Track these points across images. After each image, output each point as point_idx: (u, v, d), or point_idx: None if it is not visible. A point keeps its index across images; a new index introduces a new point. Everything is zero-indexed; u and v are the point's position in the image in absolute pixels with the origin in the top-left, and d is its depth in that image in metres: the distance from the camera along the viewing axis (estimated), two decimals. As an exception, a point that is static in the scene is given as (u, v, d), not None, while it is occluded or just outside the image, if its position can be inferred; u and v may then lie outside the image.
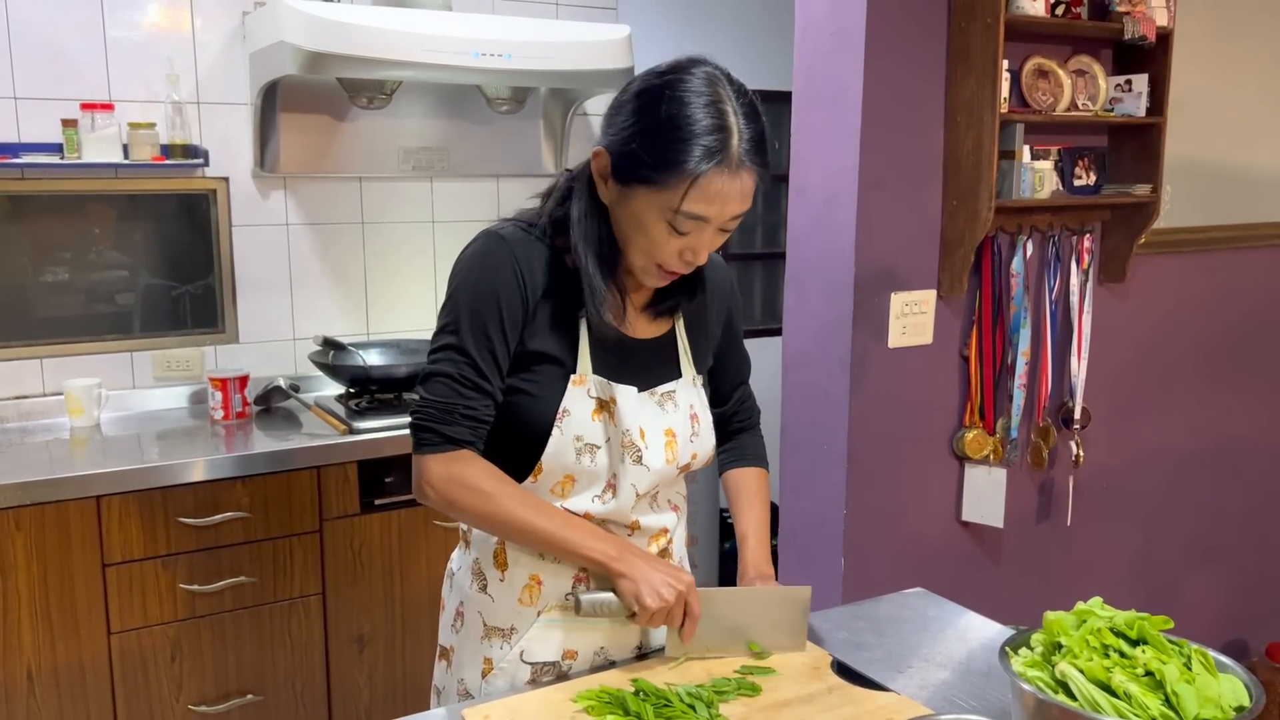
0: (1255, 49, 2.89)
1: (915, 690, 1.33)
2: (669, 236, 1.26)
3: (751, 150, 1.23)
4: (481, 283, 1.31)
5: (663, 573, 1.30)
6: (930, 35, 2.28)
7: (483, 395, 1.32)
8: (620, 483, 1.36)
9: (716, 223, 1.25)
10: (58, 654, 2.26)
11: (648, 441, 1.36)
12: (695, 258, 1.29)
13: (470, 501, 1.32)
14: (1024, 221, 2.46)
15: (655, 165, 1.22)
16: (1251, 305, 3.03)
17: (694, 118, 1.21)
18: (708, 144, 1.20)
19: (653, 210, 1.24)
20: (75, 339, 2.72)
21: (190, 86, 2.75)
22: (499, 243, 1.33)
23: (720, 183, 1.21)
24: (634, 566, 1.31)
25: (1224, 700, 1.08)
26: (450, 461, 1.31)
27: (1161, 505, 2.96)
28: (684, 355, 1.45)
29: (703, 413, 1.45)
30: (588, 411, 1.34)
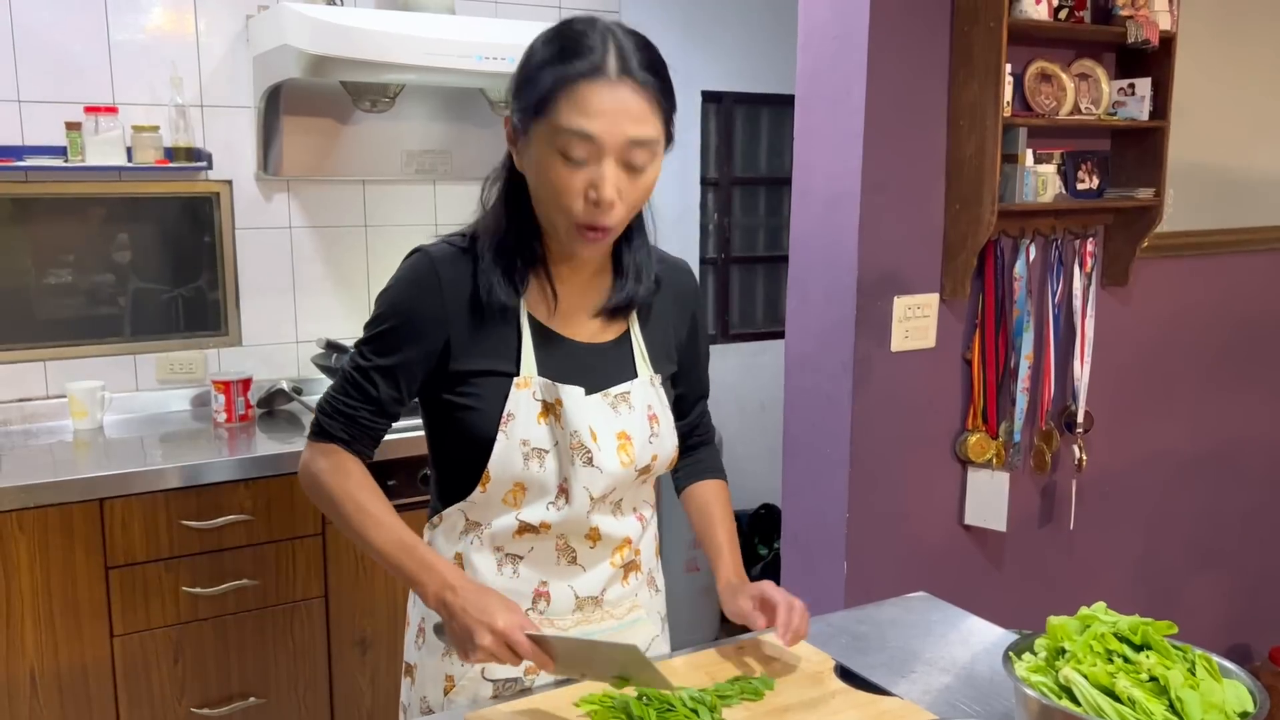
0: (1258, 53, 2.89)
1: (918, 695, 1.33)
2: (566, 171, 1.20)
3: (635, 63, 1.19)
4: (400, 301, 1.31)
5: (482, 619, 1.17)
6: (933, 39, 2.28)
7: (368, 402, 1.33)
8: (572, 487, 1.32)
9: (609, 143, 1.18)
10: (60, 657, 2.26)
11: (600, 444, 1.32)
12: (600, 195, 1.20)
13: (315, 496, 1.35)
14: (1027, 225, 2.45)
15: (535, 89, 1.20)
16: (1254, 309, 3.03)
17: (574, 42, 1.19)
18: (583, 57, 1.18)
19: (544, 144, 1.20)
20: (78, 341, 2.73)
21: (194, 89, 2.76)
22: (425, 262, 1.32)
23: (597, 92, 1.17)
24: (453, 610, 1.20)
25: (1228, 706, 1.08)
26: (316, 452, 1.35)
27: (1164, 509, 2.95)
28: (640, 355, 1.41)
29: (663, 413, 1.41)
30: (533, 415, 1.31)
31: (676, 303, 1.47)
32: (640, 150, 1.21)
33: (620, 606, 1.42)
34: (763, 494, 3.98)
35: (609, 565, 1.40)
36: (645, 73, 1.20)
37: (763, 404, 4.01)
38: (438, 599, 1.23)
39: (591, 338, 1.38)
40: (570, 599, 1.38)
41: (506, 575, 1.35)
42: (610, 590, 1.41)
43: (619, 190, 1.21)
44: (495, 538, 1.35)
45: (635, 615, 1.44)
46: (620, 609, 1.42)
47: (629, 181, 1.22)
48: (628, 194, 1.23)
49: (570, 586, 1.37)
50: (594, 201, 1.21)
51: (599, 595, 1.40)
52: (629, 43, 1.21)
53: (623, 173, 1.21)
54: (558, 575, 1.37)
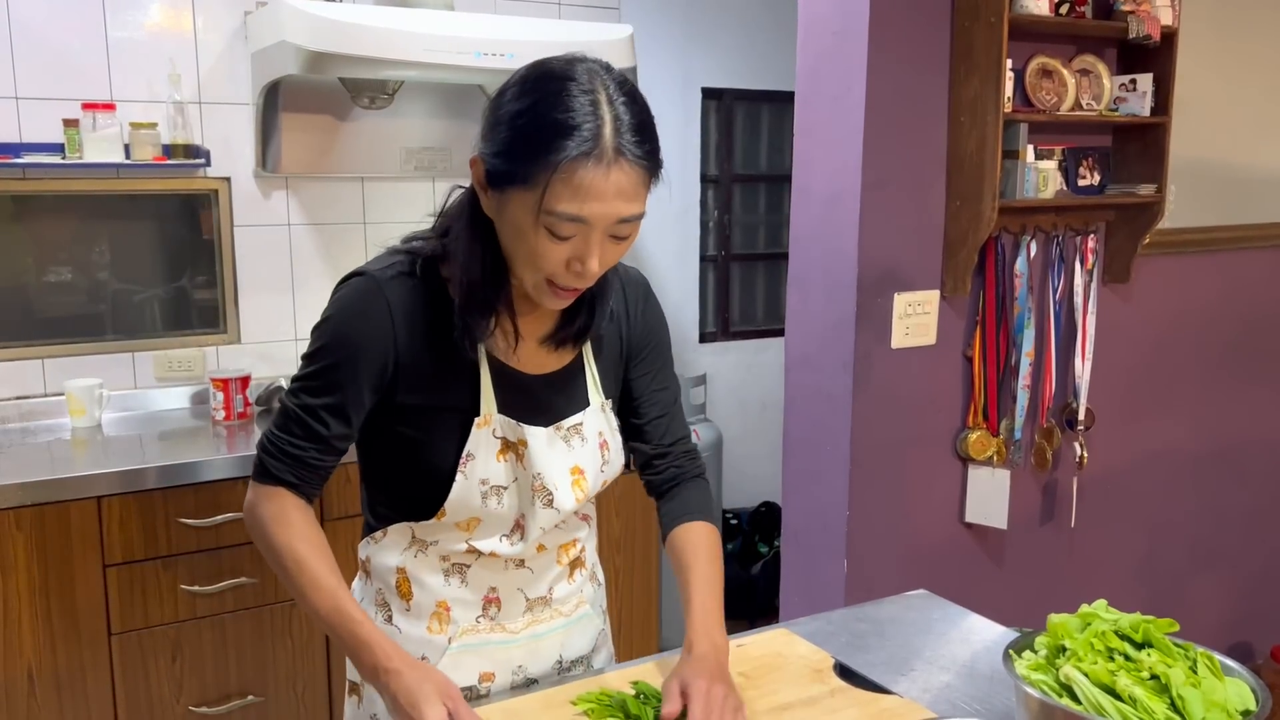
0: (1260, 48, 2.88)
1: (918, 693, 1.32)
2: (550, 243, 1.12)
3: (631, 141, 1.10)
4: (343, 332, 1.22)
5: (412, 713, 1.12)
6: (933, 35, 2.27)
7: (317, 442, 1.24)
8: (529, 524, 1.30)
9: (600, 225, 1.11)
10: (58, 655, 2.25)
11: (556, 483, 1.29)
12: (584, 269, 1.14)
13: (259, 544, 1.27)
14: (1028, 222, 2.45)
15: (521, 159, 1.10)
16: (1257, 306, 3.02)
17: (562, 105, 1.09)
18: (576, 133, 1.08)
19: (526, 213, 1.11)
20: (77, 339, 2.72)
21: (192, 86, 2.75)
22: (373, 290, 1.21)
23: (590, 175, 1.08)
24: (386, 694, 1.16)
25: (1230, 704, 1.07)
26: (261, 496, 1.26)
27: (1166, 507, 2.95)
28: (592, 382, 1.35)
29: (612, 437, 1.36)
30: (492, 453, 1.26)
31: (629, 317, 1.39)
32: (629, 224, 1.14)
33: (568, 604, 1.41)
34: (763, 492, 3.97)
35: (556, 564, 1.39)
36: (639, 146, 1.11)
37: (763, 402, 4.00)
38: (373, 679, 1.18)
39: (543, 367, 1.31)
40: (521, 602, 1.36)
41: (454, 585, 1.32)
42: (558, 588, 1.39)
43: (602, 259, 1.15)
44: (443, 553, 1.31)
45: (582, 611, 1.43)
46: (568, 605, 1.41)
47: (613, 248, 1.16)
48: (610, 258, 1.17)
49: (520, 590, 1.35)
50: (576, 272, 1.15)
51: (547, 595, 1.38)
52: (622, 106, 1.11)
53: (609, 242, 1.15)
54: (506, 580, 1.34)
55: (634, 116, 1.11)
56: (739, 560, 3.81)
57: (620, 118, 1.10)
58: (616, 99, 1.11)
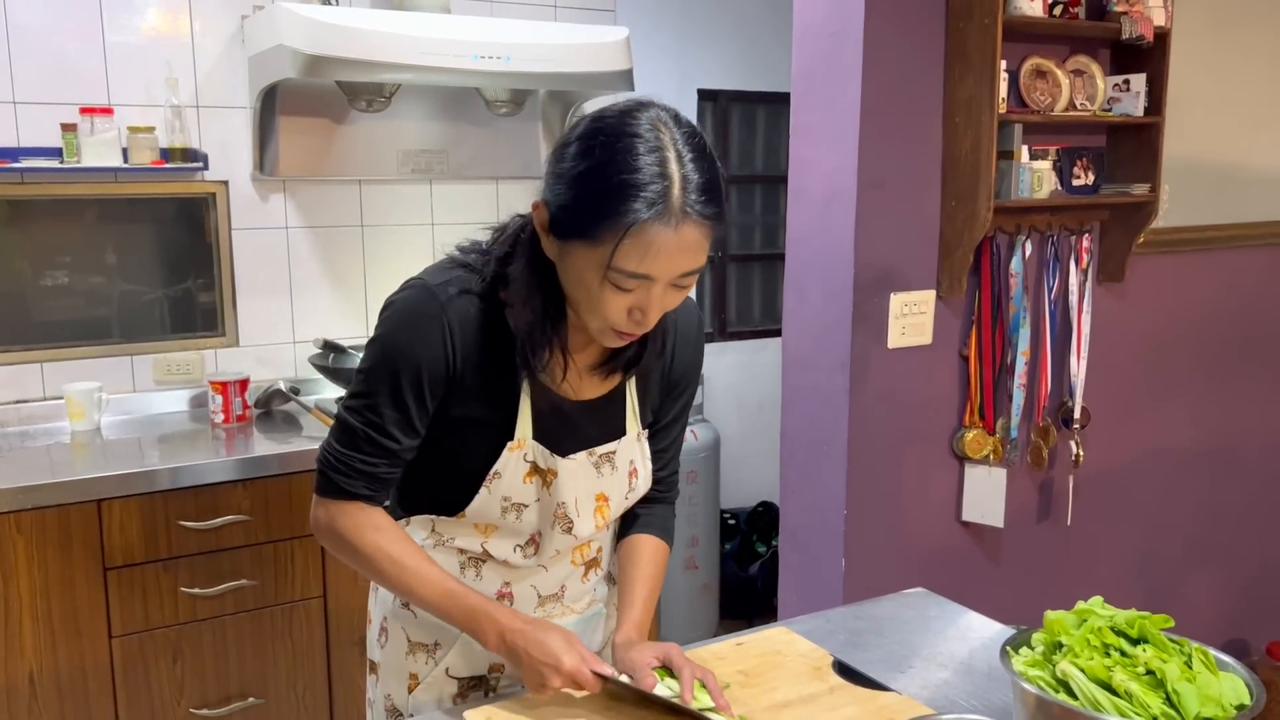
0: (1253, 48, 2.89)
1: (917, 690, 1.34)
2: (613, 295, 1.14)
3: (698, 200, 1.10)
4: (404, 343, 1.23)
5: (548, 661, 1.20)
6: (928, 36, 2.28)
7: (385, 456, 1.26)
8: (544, 543, 1.34)
9: (663, 279, 1.13)
10: (59, 658, 2.26)
11: (579, 510, 1.32)
12: (645, 318, 1.16)
13: (343, 554, 1.30)
14: (1023, 221, 2.46)
15: (588, 218, 1.10)
16: (1250, 304, 3.03)
17: (630, 165, 1.09)
18: (643, 194, 1.08)
19: (591, 267, 1.13)
20: (75, 343, 2.72)
21: (189, 90, 2.76)
22: (430, 301, 1.23)
23: (659, 236, 1.09)
24: (517, 653, 1.21)
25: (1225, 699, 1.09)
26: (335, 511, 1.28)
27: (1161, 504, 2.96)
28: (631, 410, 1.37)
29: (642, 466, 1.39)
30: (520, 474, 1.29)
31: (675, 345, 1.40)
32: (691, 275, 1.16)
33: (580, 601, 1.44)
34: (761, 492, 3.98)
35: (570, 564, 1.41)
36: (705, 206, 1.11)
37: (760, 402, 4.01)
38: (499, 642, 1.23)
39: (585, 393, 1.32)
40: (533, 598, 1.39)
41: (469, 578, 1.36)
42: (571, 587, 1.42)
43: (662, 307, 1.18)
44: (460, 547, 1.35)
45: (595, 609, 1.46)
46: (581, 604, 1.44)
47: (674, 296, 1.18)
48: (670, 305, 1.19)
49: (533, 586, 1.38)
50: (637, 321, 1.17)
51: (559, 592, 1.41)
52: (690, 164, 1.11)
53: (670, 291, 1.16)
54: (520, 578, 1.38)
55: (701, 175, 1.11)
56: (737, 560, 3.82)
57: (688, 177, 1.10)
58: (685, 155, 1.11)
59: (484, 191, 3.22)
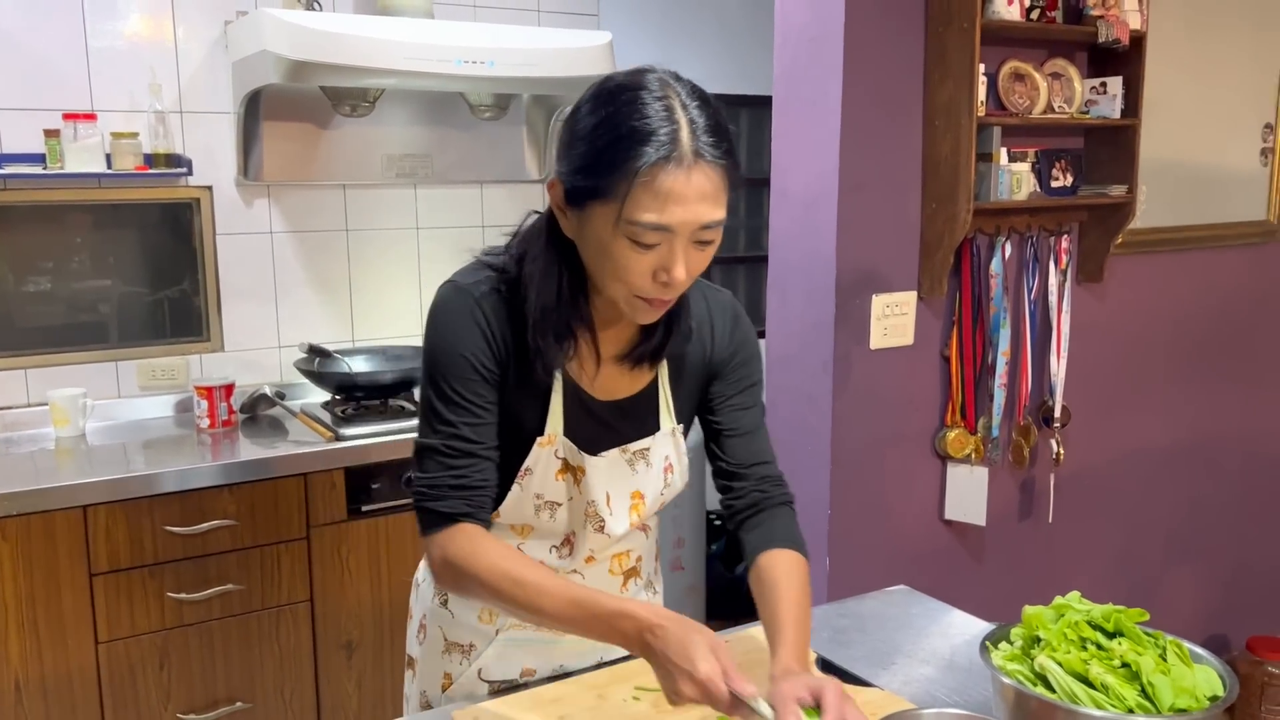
0: (1227, 50, 2.93)
1: (899, 686, 1.36)
2: (634, 254, 1.11)
3: (708, 142, 1.09)
4: (452, 344, 1.23)
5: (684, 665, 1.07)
6: (908, 40, 2.31)
7: (474, 460, 1.23)
8: (578, 543, 1.34)
9: (683, 231, 1.10)
10: (45, 664, 2.25)
11: (612, 508, 1.31)
12: (671, 277, 1.12)
13: (465, 586, 1.23)
14: (1002, 223, 2.49)
15: (600, 172, 1.09)
16: (1226, 303, 3.07)
17: (636, 113, 1.08)
18: (653, 138, 1.07)
19: (608, 225, 1.11)
20: (59, 349, 2.72)
21: (173, 96, 2.76)
22: (463, 297, 1.24)
23: (671, 180, 1.07)
24: (655, 653, 1.10)
25: (1198, 690, 1.11)
26: (444, 542, 1.22)
27: (1141, 502, 2.99)
28: (665, 406, 1.35)
29: (678, 461, 1.37)
30: (552, 471, 1.29)
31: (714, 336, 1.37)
32: (712, 229, 1.12)
33: None
34: (746, 493, 3.99)
35: (608, 573, 1.41)
36: (716, 146, 1.09)
37: (745, 403, 4.02)
38: (639, 642, 1.12)
39: (616, 393, 1.31)
40: None
41: None
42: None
43: (689, 267, 1.14)
44: None
45: None
46: None
47: (697, 255, 1.14)
48: (696, 267, 1.15)
49: None
50: (664, 282, 1.14)
51: None
52: (695, 110, 1.10)
53: (693, 249, 1.13)
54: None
55: (708, 119, 1.10)
56: (723, 560, 3.84)
57: (695, 120, 1.09)
58: (690, 103, 1.10)
59: (468, 195, 3.23)
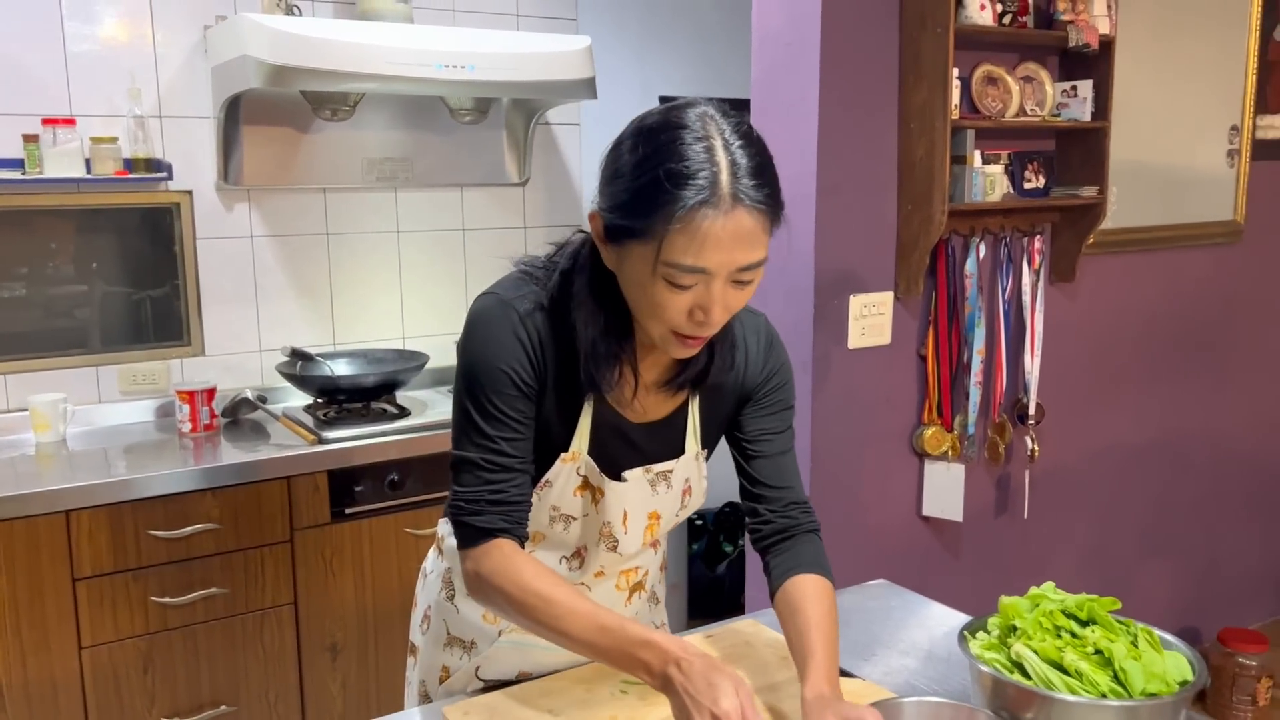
0: (1193, 54, 3.00)
1: (880, 676, 1.39)
2: (671, 294, 1.10)
3: (749, 184, 1.06)
4: (494, 358, 1.21)
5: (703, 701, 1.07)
6: (883, 45, 2.35)
7: (511, 474, 1.23)
8: (589, 558, 1.34)
9: (720, 273, 1.08)
10: (28, 670, 2.25)
11: (628, 528, 1.31)
12: (708, 317, 1.11)
13: (497, 601, 1.23)
14: (976, 224, 2.53)
15: (637, 214, 1.08)
16: (1194, 302, 3.14)
17: (677, 154, 1.06)
18: (691, 181, 1.05)
19: (645, 266, 1.09)
20: (39, 354, 2.71)
21: (152, 100, 2.76)
22: (507, 312, 1.22)
23: (709, 224, 1.05)
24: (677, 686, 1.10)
25: (1169, 675, 1.15)
26: (480, 557, 1.22)
27: (1114, 498, 3.05)
28: (691, 431, 1.34)
29: (697, 483, 1.38)
30: (571, 487, 1.29)
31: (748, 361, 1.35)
32: (751, 270, 1.11)
33: None
34: (727, 493, 4.01)
35: (614, 589, 1.42)
36: (757, 190, 1.07)
37: (724, 404, 4.06)
38: (662, 674, 1.12)
39: (647, 414, 1.30)
40: None
41: None
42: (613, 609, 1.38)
43: (726, 306, 1.12)
44: None
45: None
46: None
47: (736, 294, 1.12)
48: (734, 305, 1.14)
49: None
50: (700, 322, 1.12)
51: None
52: (738, 150, 1.08)
53: (731, 289, 1.11)
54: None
55: (750, 159, 1.08)
56: (705, 560, 3.87)
57: (737, 162, 1.07)
58: (733, 143, 1.08)
59: (449, 199, 3.24)
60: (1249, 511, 3.46)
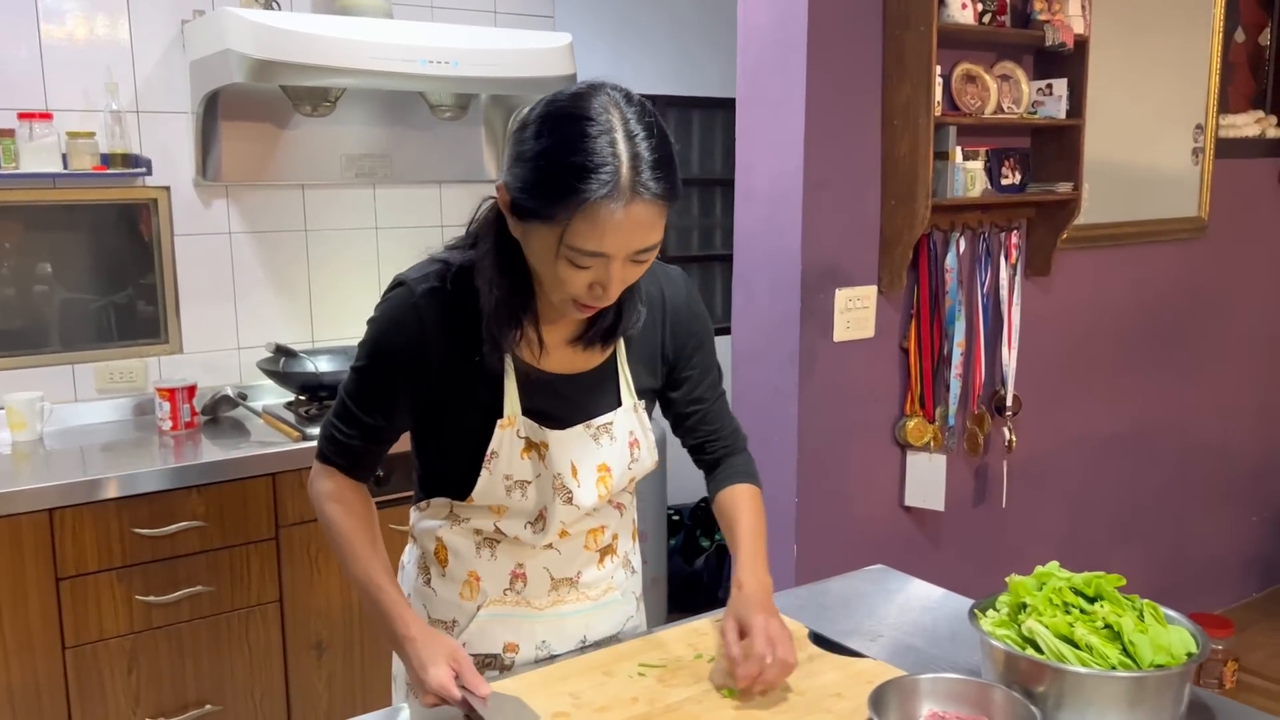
0: (1159, 54, 3.08)
1: (889, 656, 1.41)
2: (572, 271, 1.18)
3: (650, 178, 1.13)
4: (384, 342, 1.33)
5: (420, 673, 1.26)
6: (867, 43, 2.39)
7: (360, 429, 1.36)
8: (550, 518, 1.39)
9: (619, 256, 1.17)
10: (11, 670, 2.21)
11: (580, 480, 1.37)
12: (605, 292, 1.20)
13: (318, 517, 1.42)
14: (957, 219, 2.58)
15: (543, 200, 1.15)
16: (1163, 295, 3.22)
17: (581, 147, 1.12)
18: (595, 175, 1.11)
19: (548, 246, 1.17)
20: (14, 352, 2.67)
21: (129, 95, 2.72)
22: (407, 303, 1.30)
23: (609, 214, 1.12)
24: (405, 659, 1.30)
25: (1174, 648, 1.19)
26: (319, 473, 1.41)
27: (1086, 486, 3.12)
28: (624, 383, 1.41)
29: (643, 436, 1.43)
30: (516, 451, 1.34)
31: (667, 318, 1.44)
32: (648, 251, 1.19)
33: (595, 588, 1.48)
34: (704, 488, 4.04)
35: (584, 549, 1.46)
36: (657, 183, 1.14)
37: (700, 400, 4.08)
38: (394, 645, 1.32)
39: (572, 367, 1.37)
40: (545, 581, 1.44)
41: (485, 558, 1.42)
42: (586, 573, 1.46)
43: (624, 280, 1.21)
44: (476, 528, 1.41)
45: (611, 596, 1.50)
46: (595, 590, 1.48)
47: (634, 269, 1.21)
48: (631, 278, 1.23)
49: (545, 569, 1.43)
50: (598, 295, 1.21)
51: (574, 577, 1.45)
52: (641, 142, 1.14)
53: (629, 265, 1.20)
54: (533, 559, 1.43)
55: (652, 152, 1.14)
56: (682, 555, 3.89)
57: (639, 155, 1.13)
58: (636, 134, 1.14)
59: (427, 195, 3.23)
60: (1215, 499, 3.55)
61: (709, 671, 1.35)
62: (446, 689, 1.23)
